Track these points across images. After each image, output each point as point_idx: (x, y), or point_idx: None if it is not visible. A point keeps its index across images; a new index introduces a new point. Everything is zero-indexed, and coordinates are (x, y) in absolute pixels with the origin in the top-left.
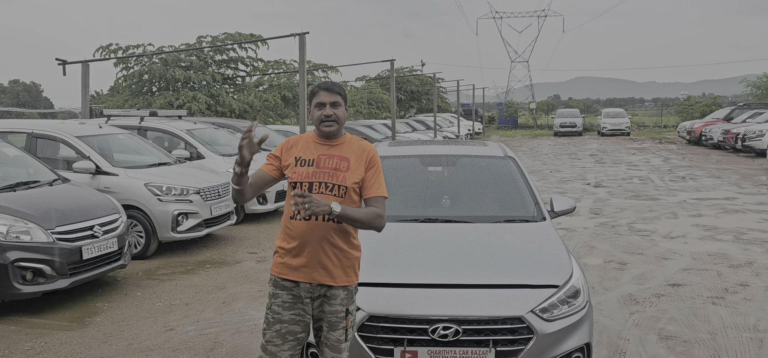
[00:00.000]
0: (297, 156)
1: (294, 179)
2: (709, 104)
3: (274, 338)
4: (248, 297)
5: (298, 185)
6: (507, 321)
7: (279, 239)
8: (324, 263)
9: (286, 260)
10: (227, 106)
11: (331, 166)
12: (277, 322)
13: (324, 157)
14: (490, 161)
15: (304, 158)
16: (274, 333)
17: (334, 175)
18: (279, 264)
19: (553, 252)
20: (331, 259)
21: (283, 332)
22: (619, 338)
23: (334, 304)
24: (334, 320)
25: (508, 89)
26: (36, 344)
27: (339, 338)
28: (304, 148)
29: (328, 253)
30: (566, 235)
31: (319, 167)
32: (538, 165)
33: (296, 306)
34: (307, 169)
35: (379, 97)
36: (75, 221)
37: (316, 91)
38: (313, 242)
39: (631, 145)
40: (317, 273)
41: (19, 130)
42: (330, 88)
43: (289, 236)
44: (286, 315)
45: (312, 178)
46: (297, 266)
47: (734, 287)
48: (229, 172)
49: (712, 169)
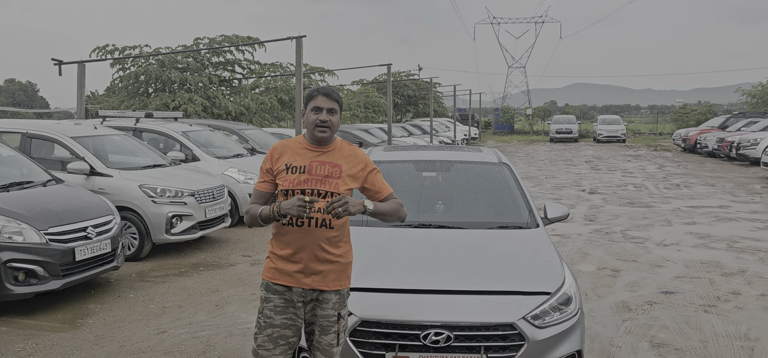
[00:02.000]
0: (287, 163)
1: (285, 186)
2: (704, 112)
3: (265, 343)
4: (241, 300)
5: (289, 193)
6: (499, 327)
7: (272, 244)
8: (316, 268)
9: (279, 265)
10: (223, 108)
11: (322, 173)
12: (268, 326)
13: (315, 164)
14: (485, 167)
15: (295, 165)
16: (266, 337)
17: (326, 182)
18: (271, 269)
19: (545, 259)
20: (323, 264)
21: (274, 337)
22: (611, 346)
23: (325, 308)
24: (326, 324)
25: (504, 95)
26: (27, 346)
27: (331, 343)
28: (294, 155)
29: (321, 258)
30: (560, 241)
31: (310, 174)
32: (534, 171)
33: (288, 310)
34: (298, 176)
35: (376, 101)
36: (68, 222)
37: (315, 94)
38: (307, 247)
39: (627, 152)
40: (310, 278)
41: (14, 130)
42: (328, 93)
43: (282, 242)
44: (277, 319)
45: (303, 185)
46: (290, 272)
47: (726, 295)
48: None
49: (707, 177)
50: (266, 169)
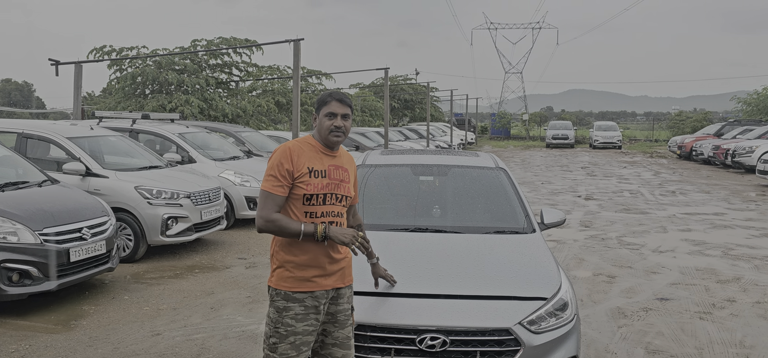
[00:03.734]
0: (310, 167)
1: (311, 191)
2: (700, 120)
3: (288, 351)
4: (236, 303)
5: (314, 198)
6: (494, 333)
7: (283, 253)
8: (332, 268)
9: (297, 273)
10: (220, 110)
11: (338, 177)
12: (290, 334)
13: (332, 168)
14: (482, 172)
15: (317, 169)
16: (288, 345)
17: (341, 186)
18: (289, 279)
19: (542, 264)
20: (337, 263)
21: (297, 344)
22: (606, 352)
23: (341, 303)
24: (342, 318)
25: (501, 100)
26: (21, 347)
27: (348, 336)
28: (313, 158)
29: (335, 258)
30: (556, 247)
31: (330, 178)
32: (530, 176)
33: (309, 317)
34: (321, 180)
35: (373, 105)
36: (63, 223)
37: (328, 100)
38: (322, 252)
39: (623, 158)
40: (330, 279)
41: (9, 130)
42: (343, 99)
43: (297, 249)
44: (299, 327)
45: (326, 189)
46: (310, 277)
47: (722, 302)
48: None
49: (702, 184)
50: (286, 171)
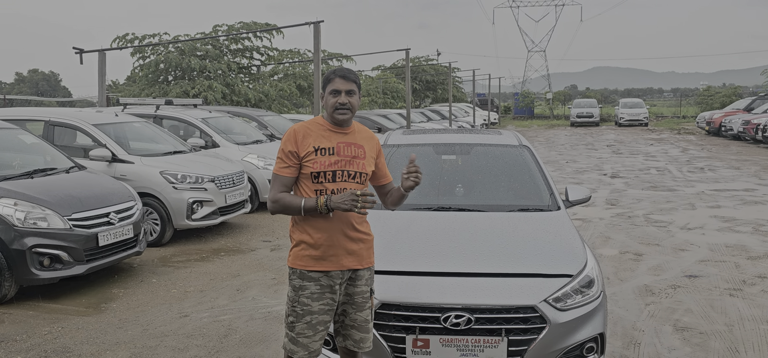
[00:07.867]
0: (315, 145)
1: (317, 168)
2: (729, 95)
3: (305, 330)
4: (262, 285)
5: (321, 175)
6: (520, 310)
7: (298, 232)
8: (350, 248)
9: (312, 252)
10: (242, 95)
11: (349, 154)
12: (306, 313)
13: (342, 145)
14: (505, 150)
15: (324, 147)
16: (305, 325)
17: (354, 163)
18: (304, 257)
19: (567, 241)
20: (356, 243)
21: (313, 323)
22: (633, 329)
23: (359, 285)
24: (360, 300)
25: (524, 79)
26: (53, 329)
27: (366, 318)
28: (320, 137)
29: (353, 237)
30: (582, 225)
31: (339, 155)
32: (554, 155)
33: (325, 296)
34: (328, 158)
35: (394, 87)
36: (91, 208)
37: (332, 78)
38: (338, 230)
39: (649, 136)
40: (346, 259)
41: (37, 118)
42: (346, 75)
43: (312, 227)
44: (315, 306)
45: (334, 166)
46: (325, 256)
47: (752, 278)
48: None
49: (732, 160)
50: (289, 152)
